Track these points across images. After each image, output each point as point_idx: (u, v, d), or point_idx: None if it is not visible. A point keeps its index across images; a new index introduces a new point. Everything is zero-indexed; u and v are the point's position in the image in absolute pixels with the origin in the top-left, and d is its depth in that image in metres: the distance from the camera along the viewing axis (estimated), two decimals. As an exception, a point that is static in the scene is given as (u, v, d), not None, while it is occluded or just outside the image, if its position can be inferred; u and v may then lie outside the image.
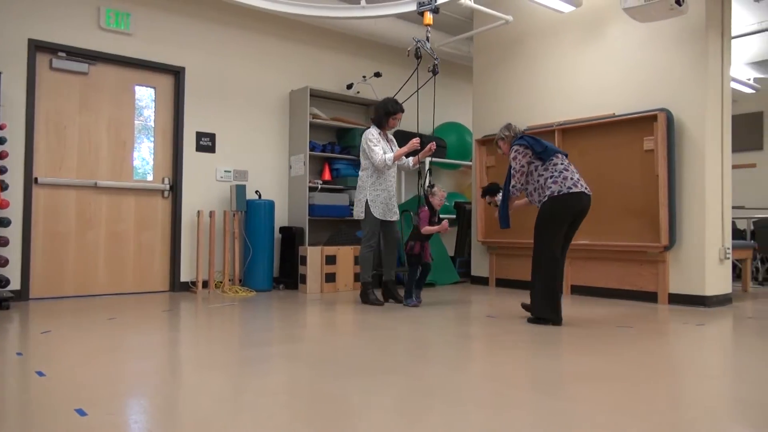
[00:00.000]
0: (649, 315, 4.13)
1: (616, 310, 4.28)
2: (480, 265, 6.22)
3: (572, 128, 5.24)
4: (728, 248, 4.73)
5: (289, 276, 5.72)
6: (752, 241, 6.15)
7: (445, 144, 6.77)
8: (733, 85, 7.15)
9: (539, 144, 3.70)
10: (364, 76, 6.42)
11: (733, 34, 6.38)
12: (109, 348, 2.90)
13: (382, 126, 4.67)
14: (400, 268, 5.90)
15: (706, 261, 4.51)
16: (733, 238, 5.07)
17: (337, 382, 2.29)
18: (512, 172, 3.78)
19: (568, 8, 5.25)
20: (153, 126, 5.37)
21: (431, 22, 4.66)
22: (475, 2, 5.17)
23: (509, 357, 2.77)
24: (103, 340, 3.08)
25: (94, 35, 4.99)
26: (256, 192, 5.72)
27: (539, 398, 2.10)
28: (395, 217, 4.69)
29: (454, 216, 6.56)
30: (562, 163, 3.67)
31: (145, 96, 5.35)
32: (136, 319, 3.79)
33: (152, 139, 5.37)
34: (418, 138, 4.50)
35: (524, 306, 3.95)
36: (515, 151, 3.76)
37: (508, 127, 3.96)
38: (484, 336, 3.36)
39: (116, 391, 2.13)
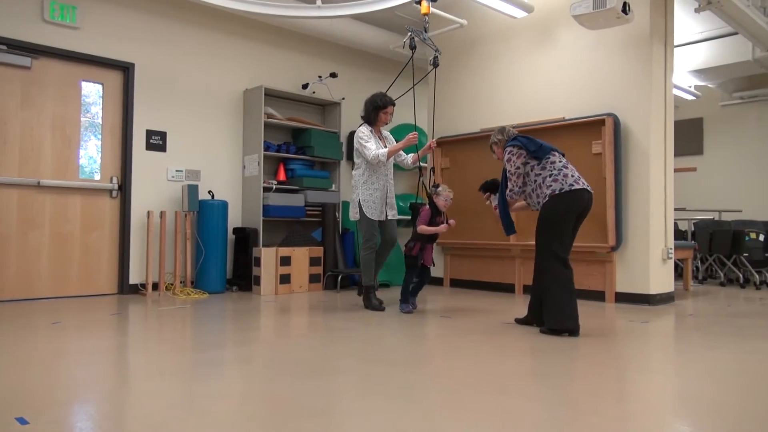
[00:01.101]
0: (597, 313, 4.26)
1: (565, 309, 4.39)
2: (435, 266, 6.27)
3: (524, 131, 5.30)
4: (671, 248, 4.93)
5: (242, 278, 5.64)
6: (693, 242, 6.43)
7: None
8: (676, 92, 7.46)
9: (533, 143, 3.54)
10: (320, 76, 6.39)
11: (677, 43, 6.65)
12: (53, 353, 2.79)
13: (372, 122, 4.46)
14: (354, 269, 5.90)
15: (650, 261, 4.68)
16: (675, 238, 5.28)
17: (290, 384, 2.27)
18: (508, 175, 3.60)
19: (520, 14, 5.37)
20: (101, 123, 5.20)
21: (429, 11, 4.45)
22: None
23: (461, 356, 2.81)
24: (47, 345, 2.97)
25: (38, 28, 4.79)
26: (209, 192, 5.62)
27: (489, 396, 2.14)
28: (391, 217, 4.52)
29: (410, 217, 6.57)
30: (560, 161, 3.50)
31: (92, 92, 5.17)
32: (82, 323, 3.66)
33: (100, 136, 5.19)
34: (415, 132, 4.25)
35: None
36: (509, 153, 3.58)
37: (501, 130, 3.76)
38: (437, 336, 3.39)
39: (60, 398, 2.05)
